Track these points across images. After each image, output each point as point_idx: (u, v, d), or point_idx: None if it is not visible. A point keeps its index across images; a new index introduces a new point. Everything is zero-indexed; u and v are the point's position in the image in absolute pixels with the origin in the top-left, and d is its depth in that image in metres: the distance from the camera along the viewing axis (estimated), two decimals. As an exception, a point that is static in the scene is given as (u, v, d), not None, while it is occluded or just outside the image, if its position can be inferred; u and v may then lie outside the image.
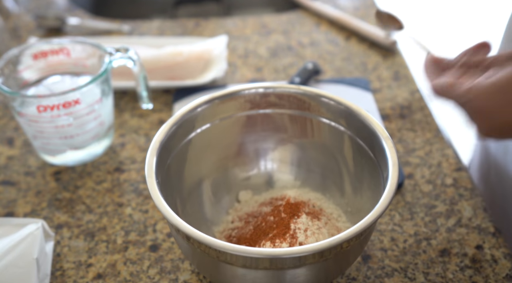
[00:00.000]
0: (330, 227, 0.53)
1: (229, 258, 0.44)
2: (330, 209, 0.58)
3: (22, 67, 0.66)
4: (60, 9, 1.04)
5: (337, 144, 0.57)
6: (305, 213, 0.53)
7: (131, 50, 0.66)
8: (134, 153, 0.71)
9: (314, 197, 0.59)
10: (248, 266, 0.44)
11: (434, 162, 0.68)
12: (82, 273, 0.56)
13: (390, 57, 0.87)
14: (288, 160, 0.62)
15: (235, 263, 0.44)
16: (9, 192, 0.66)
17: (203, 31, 0.96)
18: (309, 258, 0.43)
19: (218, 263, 0.45)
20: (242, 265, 0.44)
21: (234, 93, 0.57)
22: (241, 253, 0.41)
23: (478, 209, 0.61)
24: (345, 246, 0.44)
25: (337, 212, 0.58)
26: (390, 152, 0.49)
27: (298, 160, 0.61)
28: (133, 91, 0.81)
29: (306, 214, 0.53)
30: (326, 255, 0.44)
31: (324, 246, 0.42)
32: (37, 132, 0.64)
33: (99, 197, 0.65)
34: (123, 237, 0.60)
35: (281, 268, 0.44)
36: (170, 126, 0.53)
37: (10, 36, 0.96)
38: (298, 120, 0.59)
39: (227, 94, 0.57)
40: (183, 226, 0.43)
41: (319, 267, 0.45)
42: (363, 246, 0.49)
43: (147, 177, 0.48)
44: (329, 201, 0.59)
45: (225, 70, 0.83)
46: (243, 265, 0.44)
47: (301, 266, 0.44)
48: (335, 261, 0.46)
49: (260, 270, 0.44)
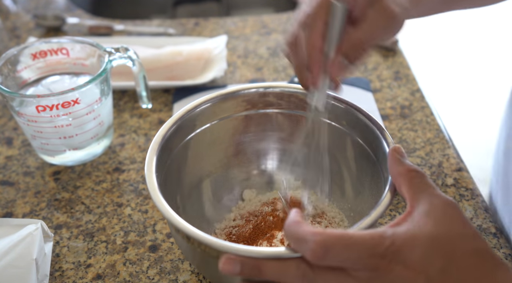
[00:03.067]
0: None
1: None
2: (332, 213, 0.58)
3: (21, 67, 0.66)
4: (59, 9, 1.04)
5: (338, 144, 0.57)
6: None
7: (130, 50, 0.66)
8: (133, 153, 0.70)
9: (317, 199, 0.58)
10: None
11: (434, 162, 0.67)
12: (81, 273, 0.56)
13: (391, 57, 0.87)
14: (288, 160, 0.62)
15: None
16: (8, 192, 0.65)
17: (203, 31, 0.96)
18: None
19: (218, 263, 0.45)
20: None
21: (234, 93, 0.57)
22: (241, 253, 0.41)
23: (479, 209, 0.61)
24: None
25: (340, 217, 0.57)
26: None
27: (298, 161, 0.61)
28: (133, 91, 0.80)
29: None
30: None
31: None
32: (36, 132, 0.63)
33: (98, 197, 0.64)
34: (123, 238, 0.59)
35: None
36: (170, 126, 0.53)
37: (9, 36, 0.95)
38: (299, 120, 0.58)
39: (227, 94, 0.56)
40: (183, 225, 0.43)
41: None
42: None
43: (147, 177, 0.48)
44: (333, 204, 0.58)
45: (225, 70, 0.83)
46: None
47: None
48: None
49: None
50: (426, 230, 0.38)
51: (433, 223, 0.38)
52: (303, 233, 0.38)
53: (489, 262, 0.37)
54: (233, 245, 0.41)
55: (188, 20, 0.99)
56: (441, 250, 0.37)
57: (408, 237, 0.37)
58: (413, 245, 0.37)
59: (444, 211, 0.39)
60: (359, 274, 0.37)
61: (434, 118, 0.75)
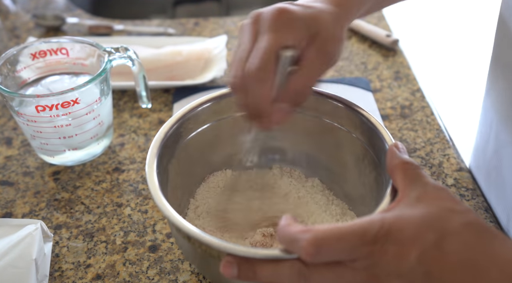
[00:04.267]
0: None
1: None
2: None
3: (20, 67, 0.66)
4: (59, 9, 1.04)
5: (338, 145, 0.57)
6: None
7: (130, 49, 0.65)
8: (133, 153, 0.70)
9: (316, 208, 0.58)
10: None
11: (435, 162, 0.67)
12: (81, 273, 0.56)
13: (391, 57, 0.87)
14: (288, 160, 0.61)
15: None
16: (7, 192, 0.65)
17: (203, 31, 0.96)
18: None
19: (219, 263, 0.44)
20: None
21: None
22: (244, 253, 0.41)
23: (480, 209, 0.61)
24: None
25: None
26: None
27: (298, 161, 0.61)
28: (133, 91, 0.80)
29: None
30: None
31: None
32: (35, 132, 0.63)
33: (98, 197, 0.64)
34: (122, 238, 0.59)
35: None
36: (170, 126, 0.53)
37: (9, 36, 0.95)
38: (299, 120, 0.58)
39: (227, 94, 0.56)
40: (183, 225, 0.43)
41: None
42: None
43: (148, 177, 0.47)
44: (333, 219, 0.57)
45: (225, 70, 0.83)
46: None
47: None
48: None
49: None
50: (417, 211, 0.37)
51: (424, 205, 0.38)
52: (294, 233, 0.38)
53: (484, 233, 0.36)
54: (233, 245, 0.41)
55: (188, 20, 0.99)
56: (432, 226, 0.36)
57: (398, 219, 0.37)
58: (404, 225, 0.37)
59: (435, 194, 0.39)
60: (355, 264, 0.37)
61: (434, 118, 0.74)
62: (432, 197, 0.39)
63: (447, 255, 0.35)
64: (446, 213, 0.37)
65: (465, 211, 0.38)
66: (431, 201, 0.38)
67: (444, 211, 0.37)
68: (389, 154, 0.45)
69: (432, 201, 0.38)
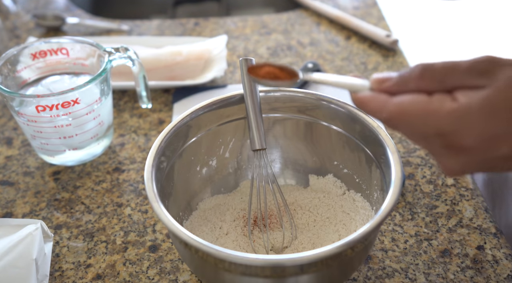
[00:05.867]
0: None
1: (227, 266, 0.43)
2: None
3: (21, 67, 0.66)
4: (59, 9, 1.04)
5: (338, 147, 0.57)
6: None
7: (130, 49, 0.66)
8: (133, 153, 0.70)
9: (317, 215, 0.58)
10: (248, 273, 0.43)
11: (435, 162, 0.67)
12: (81, 273, 0.56)
13: (391, 57, 0.87)
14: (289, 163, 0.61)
15: (234, 271, 0.43)
16: (8, 192, 0.65)
17: (203, 31, 0.96)
18: (311, 266, 0.42)
19: (216, 270, 0.44)
20: (241, 273, 0.43)
21: (235, 98, 0.56)
22: (240, 261, 0.40)
23: (479, 209, 0.61)
24: (349, 253, 0.43)
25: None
26: (394, 162, 0.47)
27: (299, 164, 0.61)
28: (133, 91, 0.80)
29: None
30: (328, 262, 0.43)
31: (326, 253, 0.41)
32: (36, 132, 0.63)
33: (98, 197, 0.64)
34: (123, 238, 0.59)
35: (282, 276, 0.43)
36: (170, 128, 0.52)
37: (9, 36, 0.95)
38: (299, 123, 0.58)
39: (228, 98, 0.56)
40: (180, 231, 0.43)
41: (323, 275, 0.45)
42: (367, 251, 0.48)
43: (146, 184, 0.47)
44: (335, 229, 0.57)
45: (225, 70, 0.83)
46: (242, 273, 0.43)
47: (303, 274, 0.44)
48: (339, 268, 0.46)
49: (261, 278, 0.44)
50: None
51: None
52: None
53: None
54: (231, 252, 0.41)
55: (188, 20, 0.99)
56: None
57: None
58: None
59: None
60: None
61: (434, 118, 0.74)
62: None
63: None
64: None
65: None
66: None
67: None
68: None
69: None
